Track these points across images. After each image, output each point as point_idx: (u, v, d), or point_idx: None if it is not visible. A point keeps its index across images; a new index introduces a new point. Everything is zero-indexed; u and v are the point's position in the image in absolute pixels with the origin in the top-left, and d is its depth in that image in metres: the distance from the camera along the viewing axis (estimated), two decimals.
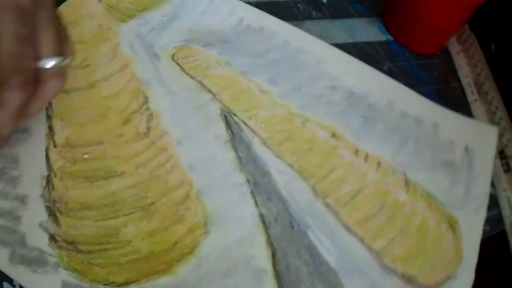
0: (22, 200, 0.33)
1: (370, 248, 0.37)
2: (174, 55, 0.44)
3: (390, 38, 0.55)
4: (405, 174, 0.41)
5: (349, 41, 0.53)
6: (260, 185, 0.38)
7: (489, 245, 0.40)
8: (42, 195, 0.33)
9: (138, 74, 0.42)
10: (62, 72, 0.32)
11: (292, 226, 0.36)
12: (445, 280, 0.36)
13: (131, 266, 0.32)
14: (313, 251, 0.35)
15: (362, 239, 0.37)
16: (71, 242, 0.32)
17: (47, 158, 0.35)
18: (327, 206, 0.38)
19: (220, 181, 0.37)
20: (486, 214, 0.41)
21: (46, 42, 0.30)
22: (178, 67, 0.43)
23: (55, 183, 0.34)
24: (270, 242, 0.35)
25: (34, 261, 0.30)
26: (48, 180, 0.34)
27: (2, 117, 0.29)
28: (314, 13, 0.54)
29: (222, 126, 0.40)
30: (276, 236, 0.35)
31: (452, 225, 0.39)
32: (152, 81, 0.41)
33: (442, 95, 0.51)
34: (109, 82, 0.40)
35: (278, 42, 0.48)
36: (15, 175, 0.34)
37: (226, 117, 0.41)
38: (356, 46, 0.52)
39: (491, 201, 0.42)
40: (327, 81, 0.46)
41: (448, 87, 0.53)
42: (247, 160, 0.39)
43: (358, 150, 0.42)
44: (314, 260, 0.35)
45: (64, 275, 0.30)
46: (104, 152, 0.36)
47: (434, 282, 0.36)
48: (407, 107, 0.46)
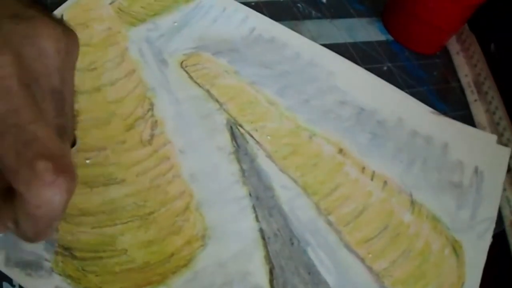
0: None
1: (370, 269, 0.36)
2: (182, 62, 0.43)
3: (390, 38, 0.55)
4: (411, 195, 0.40)
5: (349, 41, 0.52)
6: (262, 199, 0.37)
7: None
8: None
9: (144, 79, 0.41)
10: None
11: (292, 243, 0.35)
12: None
13: (126, 275, 0.31)
14: (312, 269, 0.35)
15: (363, 260, 0.36)
16: (67, 248, 0.31)
17: None
18: (330, 224, 0.37)
19: (221, 193, 0.37)
20: None
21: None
22: (186, 75, 0.43)
23: None
24: (269, 258, 0.34)
25: (29, 265, 0.30)
26: None
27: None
28: (313, 12, 0.54)
29: (227, 137, 0.40)
30: (275, 252, 0.35)
31: (456, 249, 0.38)
32: (158, 87, 0.41)
33: (441, 95, 0.51)
34: (115, 86, 0.40)
35: (289, 53, 0.47)
36: None
37: (231, 128, 0.40)
38: (356, 46, 0.52)
39: None
40: (337, 95, 0.45)
41: (447, 87, 0.53)
42: (251, 173, 0.38)
43: (365, 168, 0.41)
44: (312, 278, 0.34)
45: (58, 281, 0.30)
46: (106, 158, 0.36)
47: None
48: (418, 125, 0.45)
